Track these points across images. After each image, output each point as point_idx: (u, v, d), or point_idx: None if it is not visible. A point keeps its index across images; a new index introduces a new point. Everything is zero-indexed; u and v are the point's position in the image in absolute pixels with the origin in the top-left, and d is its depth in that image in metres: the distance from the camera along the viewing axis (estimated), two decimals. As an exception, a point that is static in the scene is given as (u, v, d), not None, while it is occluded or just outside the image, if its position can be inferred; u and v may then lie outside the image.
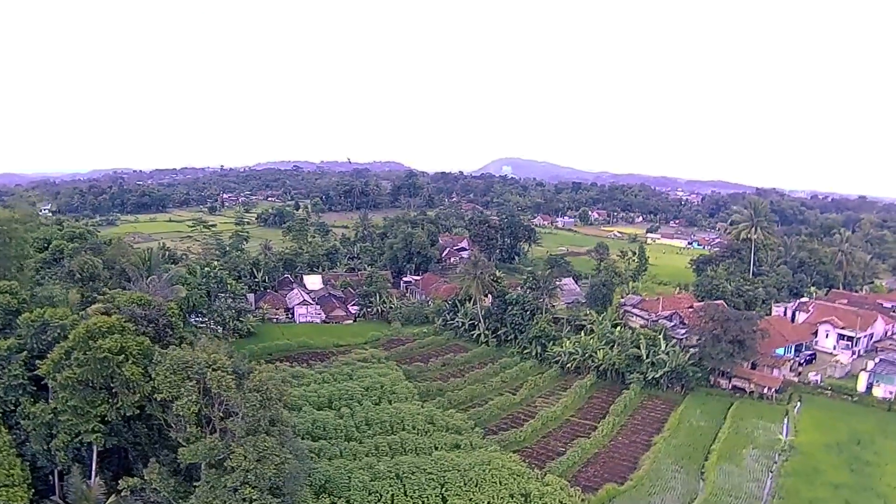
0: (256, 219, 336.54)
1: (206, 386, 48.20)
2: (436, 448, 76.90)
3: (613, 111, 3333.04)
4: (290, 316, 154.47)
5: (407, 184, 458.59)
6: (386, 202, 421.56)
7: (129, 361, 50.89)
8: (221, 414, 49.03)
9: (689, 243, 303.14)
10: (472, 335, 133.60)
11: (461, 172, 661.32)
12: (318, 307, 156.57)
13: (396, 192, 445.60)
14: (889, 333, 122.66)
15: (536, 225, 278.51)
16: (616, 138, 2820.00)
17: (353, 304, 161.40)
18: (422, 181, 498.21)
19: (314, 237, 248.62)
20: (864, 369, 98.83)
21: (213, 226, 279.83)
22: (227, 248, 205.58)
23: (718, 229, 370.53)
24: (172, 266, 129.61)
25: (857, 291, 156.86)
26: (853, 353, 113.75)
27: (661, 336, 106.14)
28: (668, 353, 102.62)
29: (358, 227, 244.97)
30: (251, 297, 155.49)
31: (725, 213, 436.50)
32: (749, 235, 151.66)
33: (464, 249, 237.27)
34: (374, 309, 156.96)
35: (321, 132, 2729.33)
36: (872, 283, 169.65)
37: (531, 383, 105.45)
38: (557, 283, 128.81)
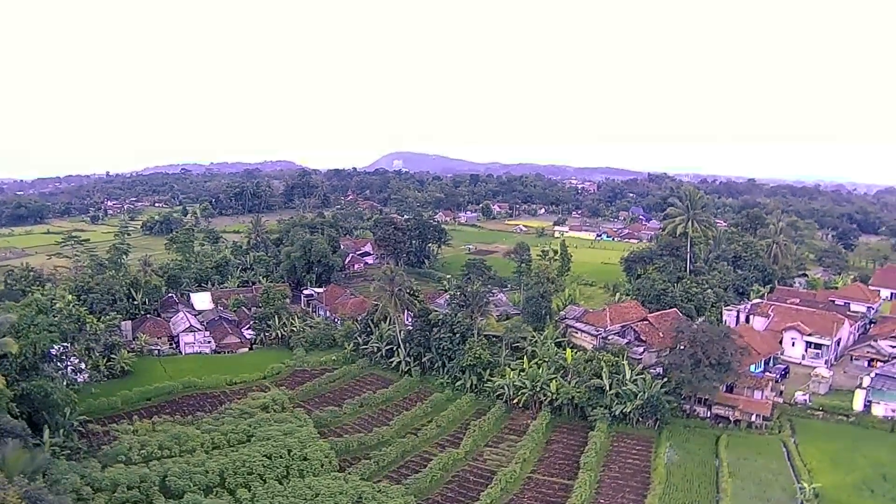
0: (141, 227, 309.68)
1: None
2: (372, 552, 57.05)
3: (500, 101, 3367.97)
4: (174, 346, 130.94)
5: (300, 183, 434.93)
6: (279, 203, 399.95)
7: None
8: None
9: (598, 235, 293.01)
10: (391, 362, 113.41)
11: (355, 169, 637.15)
12: (208, 333, 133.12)
13: (290, 192, 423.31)
14: (854, 337, 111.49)
15: (437, 221, 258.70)
16: (504, 128, 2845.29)
17: (248, 328, 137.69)
18: (316, 180, 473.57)
19: (203, 245, 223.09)
20: (861, 385, 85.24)
21: (86, 240, 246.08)
22: (106, 264, 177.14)
23: (623, 219, 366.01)
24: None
25: (790, 286, 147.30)
26: (826, 362, 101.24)
27: (624, 361, 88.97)
28: (636, 382, 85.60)
29: (250, 233, 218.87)
30: (127, 325, 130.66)
31: (625, 201, 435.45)
32: (686, 230, 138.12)
33: (368, 254, 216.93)
34: (273, 333, 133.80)
35: (210, 133, 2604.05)
36: (805, 275, 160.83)
37: (474, 429, 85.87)
38: (490, 297, 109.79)
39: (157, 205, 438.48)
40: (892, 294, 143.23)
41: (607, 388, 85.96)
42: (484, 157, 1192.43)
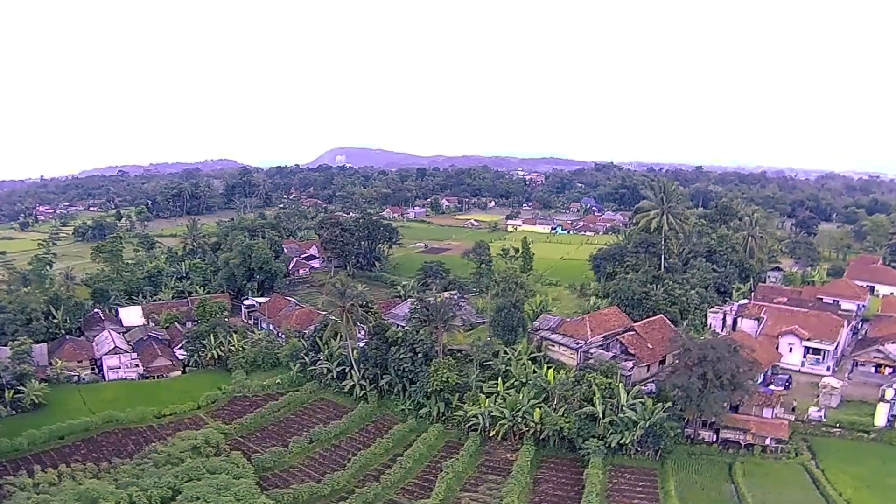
0: (73, 233, 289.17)
1: None
2: None
3: (441, 93, 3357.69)
4: (97, 370, 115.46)
5: (241, 182, 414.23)
6: (219, 204, 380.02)
7: None
8: None
9: (553, 229, 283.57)
10: (344, 386, 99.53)
11: (297, 166, 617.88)
12: (135, 355, 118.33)
13: (230, 192, 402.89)
14: (849, 339, 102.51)
15: (385, 218, 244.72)
16: (446, 120, 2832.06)
17: (181, 348, 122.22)
18: (257, 178, 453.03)
19: (138, 251, 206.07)
20: (883, 398, 75.35)
21: (2, 253, 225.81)
22: (29, 277, 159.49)
23: (575, 210, 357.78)
24: None
25: (764, 280, 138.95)
26: (827, 369, 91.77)
27: (618, 383, 77.22)
28: (634, 408, 73.94)
29: (186, 237, 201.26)
30: (42, 349, 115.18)
31: (575, 192, 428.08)
32: (661, 224, 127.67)
33: (313, 258, 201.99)
34: (209, 353, 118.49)
35: (148, 133, 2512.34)
36: (779, 269, 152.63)
37: (447, 470, 72.79)
38: (457, 310, 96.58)
39: (91, 209, 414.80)
40: (866, 286, 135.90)
41: (601, 415, 74.11)
42: (428, 151, 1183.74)
